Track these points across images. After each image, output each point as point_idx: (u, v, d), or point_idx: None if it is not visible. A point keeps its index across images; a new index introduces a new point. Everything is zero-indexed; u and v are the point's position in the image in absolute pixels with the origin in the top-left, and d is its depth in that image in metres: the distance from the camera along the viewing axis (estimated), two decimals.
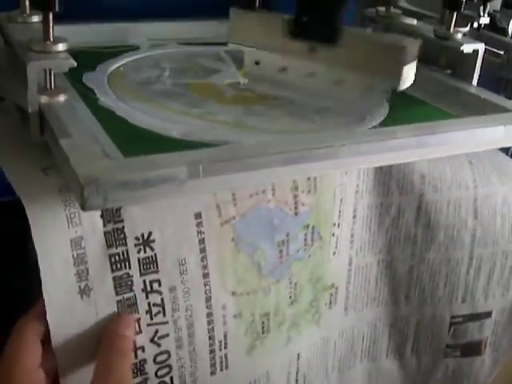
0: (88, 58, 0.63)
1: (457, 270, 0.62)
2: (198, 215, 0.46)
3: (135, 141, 0.48)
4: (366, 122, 0.58)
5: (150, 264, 0.45)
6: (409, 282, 0.62)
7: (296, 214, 0.52)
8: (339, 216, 0.56)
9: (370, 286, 0.61)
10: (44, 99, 0.47)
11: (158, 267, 0.45)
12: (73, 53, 0.48)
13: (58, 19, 0.48)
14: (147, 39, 0.73)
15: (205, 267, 0.48)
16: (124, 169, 0.39)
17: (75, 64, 0.47)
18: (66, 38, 0.48)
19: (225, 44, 0.66)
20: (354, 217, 0.57)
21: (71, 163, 0.39)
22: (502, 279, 0.64)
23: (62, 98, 0.48)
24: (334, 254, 0.57)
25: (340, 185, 0.54)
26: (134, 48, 0.71)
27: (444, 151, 0.53)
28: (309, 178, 0.52)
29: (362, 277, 0.60)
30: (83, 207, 0.37)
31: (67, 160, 0.39)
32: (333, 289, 0.59)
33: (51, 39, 0.47)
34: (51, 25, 0.47)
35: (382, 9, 0.77)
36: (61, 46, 0.47)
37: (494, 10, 0.90)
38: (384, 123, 0.58)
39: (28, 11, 0.56)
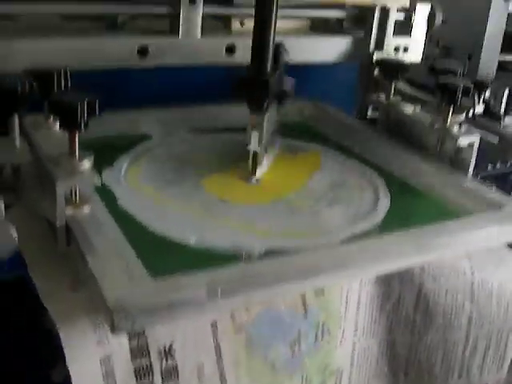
0: (105, 151, 0.66)
1: (453, 349, 0.65)
2: (214, 324, 0.50)
3: (156, 251, 0.51)
4: (370, 217, 0.61)
5: (171, 372, 0.48)
6: (407, 361, 0.65)
7: (306, 315, 0.55)
8: (345, 310, 0.59)
9: (371, 365, 0.64)
10: (69, 211, 0.51)
11: (178, 374, 0.49)
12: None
13: None
14: (159, 126, 0.77)
15: (221, 370, 0.51)
16: (150, 294, 0.43)
17: (100, 183, 0.50)
18: (90, 154, 0.52)
19: (233, 130, 0.69)
20: (358, 308, 0.60)
21: (100, 286, 0.42)
22: (496, 355, 0.67)
23: (86, 209, 0.52)
24: (341, 342, 0.60)
25: (345, 284, 0.58)
26: (147, 137, 0.75)
27: (443, 254, 0.57)
28: None
29: (364, 357, 0.63)
30: (113, 331, 0.41)
31: (95, 281, 0.43)
32: (338, 373, 0.62)
33: (77, 156, 0.51)
34: (77, 143, 0.51)
35: (382, 96, 0.81)
36: (86, 163, 0.51)
37: (486, 74, 0.94)
38: (386, 220, 0.61)
39: (52, 118, 0.60)
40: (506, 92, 0.91)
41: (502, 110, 0.84)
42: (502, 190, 0.66)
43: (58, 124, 0.60)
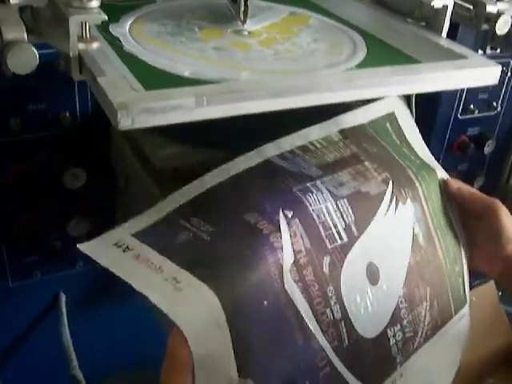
0: (112, 11, 0.74)
1: None
2: None
3: (154, 78, 0.60)
4: (347, 63, 0.69)
5: None
6: None
7: None
8: None
9: None
10: (81, 46, 0.59)
11: None
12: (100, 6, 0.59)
13: None
14: None
15: None
16: (147, 98, 0.52)
17: (106, 18, 0.58)
18: None
19: None
20: None
21: (108, 95, 0.51)
22: None
23: (95, 45, 0.60)
24: None
25: None
26: (151, 1, 0.82)
27: (404, 90, 0.65)
28: None
29: None
30: (117, 126, 0.50)
31: (105, 93, 0.52)
32: None
33: None
34: None
35: None
36: (94, 3, 0.59)
37: None
38: (360, 64, 0.70)
39: None
40: None
41: None
42: None
43: None
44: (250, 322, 0.51)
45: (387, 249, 0.62)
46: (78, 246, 0.53)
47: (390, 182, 0.63)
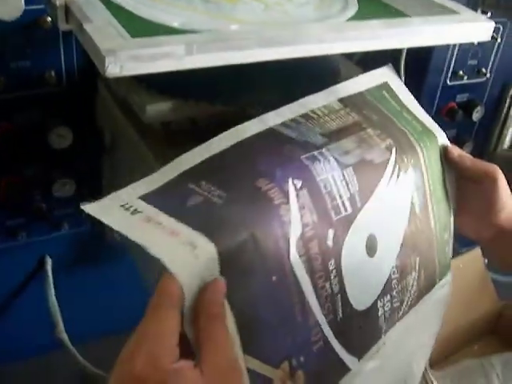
0: None
1: None
2: None
3: (142, 28, 0.58)
4: (338, 17, 0.68)
5: None
6: None
7: None
8: None
9: None
10: None
11: None
12: None
13: None
14: None
15: None
16: (135, 45, 0.50)
17: None
18: None
19: None
20: None
21: (95, 41, 0.50)
22: None
23: None
24: None
25: None
26: None
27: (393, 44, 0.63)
28: None
29: None
30: (104, 73, 0.49)
31: (91, 39, 0.51)
32: None
33: None
34: None
35: None
36: None
37: None
38: (352, 19, 0.69)
39: None
40: None
41: None
42: None
43: None
44: (255, 297, 0.49)
45: (386, 219, 0.61)
46: (81, 206, 0.48)
47: (394, 149, 0.62)
